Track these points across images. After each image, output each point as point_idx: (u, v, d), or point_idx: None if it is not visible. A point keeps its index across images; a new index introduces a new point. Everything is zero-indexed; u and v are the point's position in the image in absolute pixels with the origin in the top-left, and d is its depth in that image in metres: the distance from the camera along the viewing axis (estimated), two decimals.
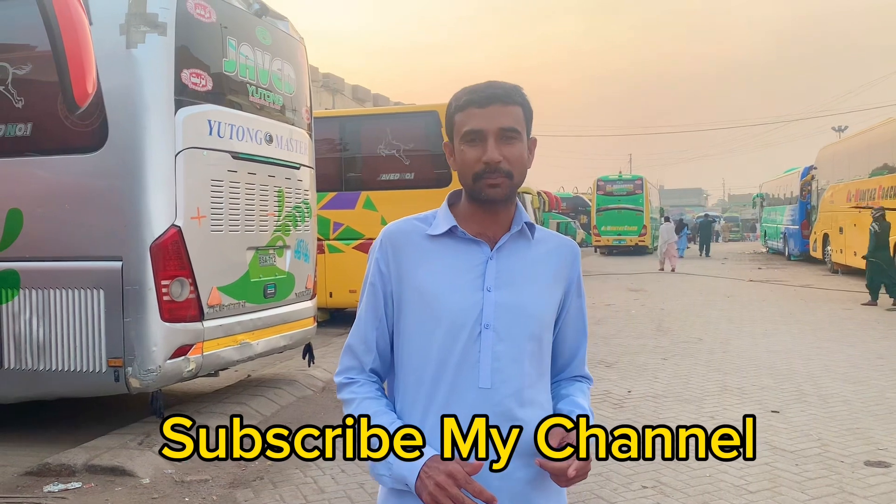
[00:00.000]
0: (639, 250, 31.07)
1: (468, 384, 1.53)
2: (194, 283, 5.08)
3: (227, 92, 5.46)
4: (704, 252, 30.76)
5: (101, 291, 4.87)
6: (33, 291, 4.98)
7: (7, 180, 5.05)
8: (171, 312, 4.93)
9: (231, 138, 5.41)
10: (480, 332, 1.54)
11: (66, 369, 4.94)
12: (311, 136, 6.72)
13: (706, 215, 38.66)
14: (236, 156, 5.45)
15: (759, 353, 8.60)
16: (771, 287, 16.76)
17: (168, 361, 4.91)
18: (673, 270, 22.01)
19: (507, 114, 1.53)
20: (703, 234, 31.34)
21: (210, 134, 5.22)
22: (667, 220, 25.51)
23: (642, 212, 30.67)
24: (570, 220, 38.72)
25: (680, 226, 31.09)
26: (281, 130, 6.05)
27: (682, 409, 6.06)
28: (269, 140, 5.86)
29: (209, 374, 5.74)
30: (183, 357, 5.02)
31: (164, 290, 4.88)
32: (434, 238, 1.60)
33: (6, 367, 5.01)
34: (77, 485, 4.41)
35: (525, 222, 1.62)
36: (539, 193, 24.96)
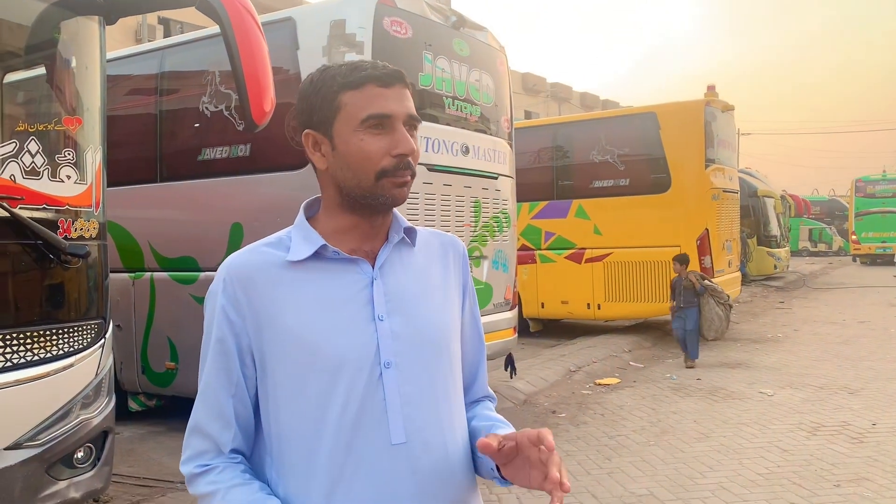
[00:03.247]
0: None
1: (377, 443, 1.20)
2: None
3: (422, 105, 5.54)
4: None
5: None
6: None
7: (231, 197, 5.55)
8: None
9: (426, 151, 5.48)
10: (381, 374, 1.21)
11: None
12: (511, 145, 6.64)
13: None
14: (431, 168, 5.51)
15: None
16: None
17: None
18: None
19: (410, 98, 1.26)
20: None
21: None
22: None
23: None
24: (824, 226, 35.01)
25: None
26: (478, 141, 6.03)
27: None
28: (466, 151, 5.86)
29: None
30: None
31: None
32: (296, 265, 1.24)
33: None
34: None
35: (404, 227, 1.32)
36: (783, 197, 22.84)
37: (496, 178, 6.27)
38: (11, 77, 3.42)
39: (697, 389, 7.24)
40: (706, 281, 8.74)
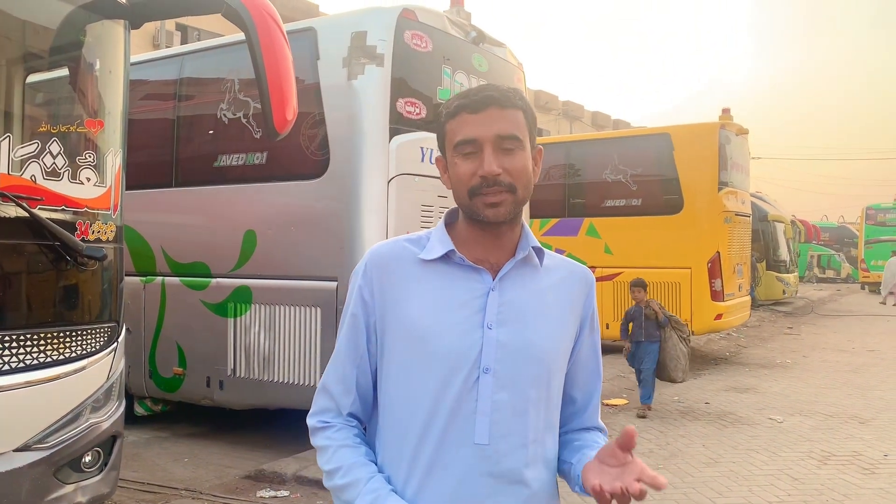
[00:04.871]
0: None
1: (461, 440, 1.31)
2: None
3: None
4: None
5: (318, 310, 5.15)
6: (262, 307, 5.40)
7: (245, 204, 5.55)
8: None
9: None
10: (478, 378, 1.32)
11: (286, 381, 5.28)
12: None
13: None
14: None
15: None
16: None
17: None
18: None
19: (505, 119, 1.33)
20: None
21: (422, 161, 5.32)
22: (894, 253, 22.75)
23: None
24: (833, 252, 34.89)
25: None
26: None
27: None
28: None
29: None
30: None
31: None
32: (427, 263, 1.37)
33: (237, 375, 5.48)
34: (285, 493, 4.65)
35: (533, 246, 1.40)
36: (794, 222, 22.80)
37: None
38: (36, 78, 3.42)
39: (706, 413, 7.17)
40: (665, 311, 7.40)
